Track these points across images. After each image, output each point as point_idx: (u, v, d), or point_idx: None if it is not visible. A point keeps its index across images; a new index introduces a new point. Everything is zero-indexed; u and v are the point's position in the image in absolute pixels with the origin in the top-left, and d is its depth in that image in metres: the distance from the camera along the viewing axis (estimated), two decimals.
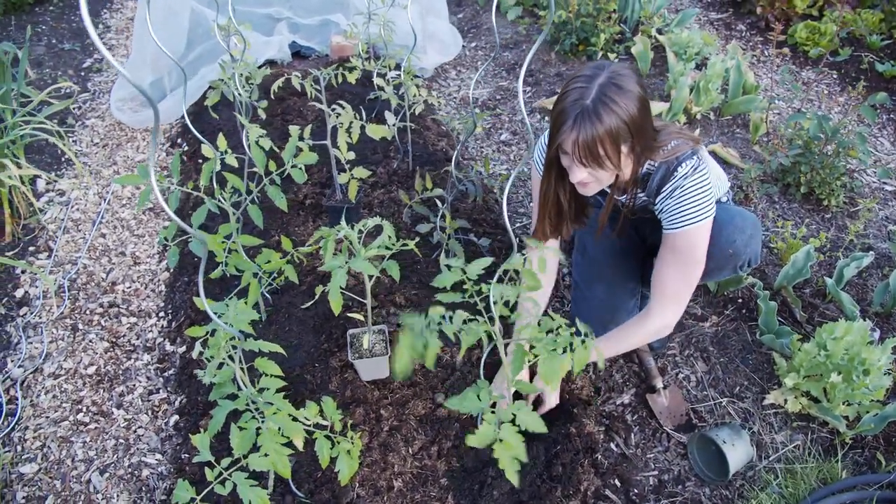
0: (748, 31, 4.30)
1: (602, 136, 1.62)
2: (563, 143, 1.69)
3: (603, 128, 1.61)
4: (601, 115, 1.61)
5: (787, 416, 2.14)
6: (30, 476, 2.07)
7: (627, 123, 1.64)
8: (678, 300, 1.91)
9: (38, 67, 4.08)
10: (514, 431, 1.39)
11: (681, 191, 1.78)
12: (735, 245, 1.92)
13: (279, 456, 1.39)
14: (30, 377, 2.36)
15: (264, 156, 2.08)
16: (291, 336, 2.34)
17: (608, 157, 1.66)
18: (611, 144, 1.64)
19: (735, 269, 2.00)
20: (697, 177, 1.78)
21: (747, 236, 1.93)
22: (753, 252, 1.97)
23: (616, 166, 1.70)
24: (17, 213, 2.95)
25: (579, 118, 1.63)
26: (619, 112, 1.63)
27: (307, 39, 4.13)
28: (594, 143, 1.63)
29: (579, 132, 1.63)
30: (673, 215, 1.82)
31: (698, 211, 1.80)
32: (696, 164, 1.79)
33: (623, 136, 1.65)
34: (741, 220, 1.94)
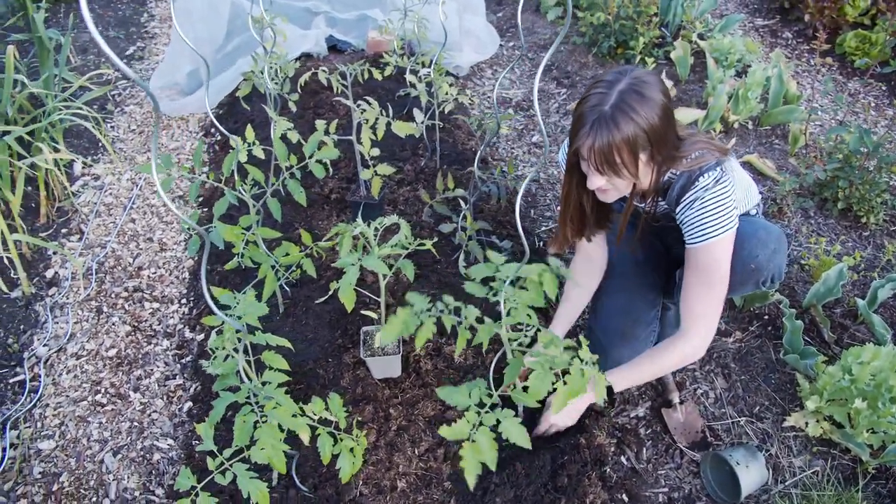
0: (794, 38, 4.17)
1: (619, 143, 1.59)
2: (580, 147, 1.66)
3: (620, 135, 1.57)
4: (619, 122, 1.57)
5: (807, 440, 2.06)
6: (47, 452, 2.12)
7: (647, 132, 1.60)
8: (706, 321, 1.81)
9: (83, 54, 4.19)
10: (491, 437, 1.39)
11: (701, 202, 1.73)
12: (757, 260, 1.85)
13: (275, 451, 1.39)
14: (53, 356, 2.42)
15: (286, 149, 2.09)
16: (307, 330, 2.35)
17: (625, 166, 1.63)
18: (628, 153, 1.60)
19: (757, 284, 1.93)
20: (719, 189, 1.72)
21: (770, 251, 1.86)
22: (777, 268, 1.90)
23: (633, 175, 1.66)
24: (53, 196, 3.03)
25: (596, 124, 1.59)
26: (638, 120, 1.59)
27: (344, 34, 4.15)
28: (610, 150, 1.60)
29: (595, 138, 1.59)
30: (693, 228, 1.77)
31: (719, 224, 1.74)
32: (719, 176, 1.73)
33: (642, 144, 1.61)
34: (765, 233, 1.87)
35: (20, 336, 2.49)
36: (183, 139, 3.55)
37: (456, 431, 1.42)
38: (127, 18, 4.72)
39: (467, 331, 1.57)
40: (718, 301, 1.80)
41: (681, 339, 1.83)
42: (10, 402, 2.26)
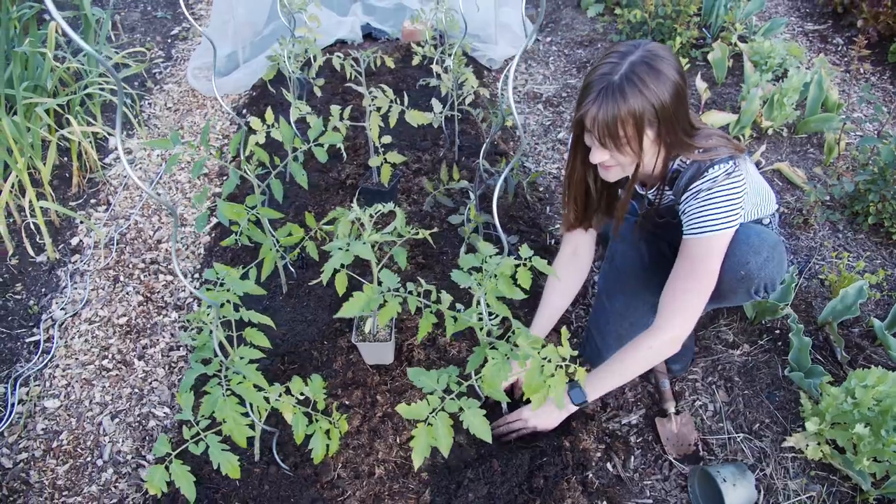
0: (845, 45, 3.98)
1: (624, 116, 1.54)
2: (584, 116, 1.62)
3: (626, 107, 1.53)
4: (626, 93, 1.53)
5: (806, 462, 1.98)
6: (51, 410, 2.21)
7: (655, 108, 1.56)
8: (684, 316, 1.76)
9: (130, 32, 4.32)
10: (448, 423, 1.39)
11: (707, 193, 1.68)
12: (748, 267, 1.78)
13: (237, 424, 1.41)
14: (68, 320, 2.51)
15: (293, 132, 2.11)
16: (307, 311, 2.38)
17: (629, 141, 1.59)
18: (633, 127, 1.56)
19: (749, 293, 1.86)
20: (728, 183, 1.66)
21: (763, 259, 1.79)
22: (769, 277, 1.83)
23: (636, 153, 1.62)
24: (85, 168, 3.14)
25: (603, 93, 1.55)
26: (647, 94, 1.54)
27: (381, 22, 4.17)
28: (615, 122, 1.55)
29: (600, 108, 1.55)
30: (693, 218, 1.72)
31: (720, 218, 1.69)
32: (731, 170, 1.67)
33: (649, 120, 1.56)
34: (758, 240, 1.80)
35: (41, 299, 2.60)
36: (215, 118, 3.63)
37: (414, 411, 1.43)
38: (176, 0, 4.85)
39: (433, 315, 1.57)
40: (701, 299, 1.74)
41: (651, 334, 1.77)
42: (23, 361, 2.36)
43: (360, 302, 1.61)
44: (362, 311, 1.60)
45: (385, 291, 1.63)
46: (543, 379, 1.53)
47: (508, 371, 1.54)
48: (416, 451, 1.49)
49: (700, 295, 1.74)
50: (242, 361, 1.50)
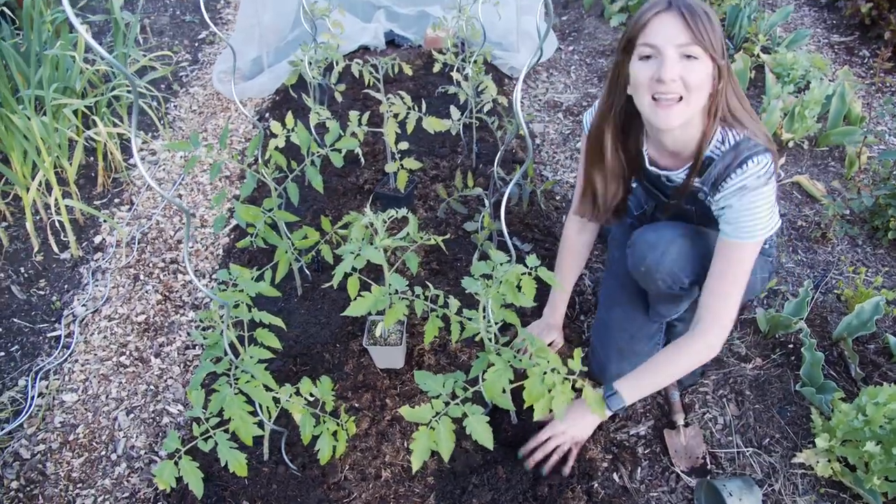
0: (871, 57, 3.93)
1: (702, 13, 1.50)
2: (652, 22, 1.53)
3: (701, 10, 1.51)
4: (696, 4, 1.52)
5: (816, 480, 1.95)
6: (69, 405, 2.26)
7: (721, 36, 1.55)
8: (724, 319, 1.74)
9: (158, 36, 4.42)
10: (451, 428, 1.41)
11: (753, 195, 1.61)
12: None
13: (243, 422, 1.44)
14: (89, 316, 2.57)
15: (309, 137, 2.15)
16: (321, 314, 2.41)
17: (712, 39, 1.51)
18: (710, 25, 1.51)
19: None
20: (770, 184, 1.62)
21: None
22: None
23: (718, 54, 1.53)
24: (110, 168, 3.21)
25: (675, 2, 1.52)
26: (714, 17, 1.53)
27: (404, 29, 4.21)
28: (696, 13, 1.50)
29: (681, 5, 1.51)
30: (737, 222, 1.66)
31: (765, 222, 1.66)
32: (770, 167, 1.60)
33: (719, 33, 1.53)
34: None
35: (63, 295, 2.66)
36: (238, 122, 3.70)
37: (417, 414, 1.45)
38: (205, 5, 4.94)
39: (439, 319, 1.59)
40: (737, 300, 1.73)
41: (696, 337, 1.75)
42: (44, 355, 2.42)
43: (368, 302, 1.63)
44: (369, 311, 1.63)
45: (392, 293, 1.65)
46: (546, 388, 1.54)
47: (510, 377, 1.55)
48: (416, 454, 1.51)
49: (737, 298, 1.72)
50: (252, 361, 1.53)
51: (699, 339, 1.75)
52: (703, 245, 1.83)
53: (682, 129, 1.66)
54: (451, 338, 2.26)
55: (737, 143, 1.62)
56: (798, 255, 2.66)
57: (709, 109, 1.62)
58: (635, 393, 1.83)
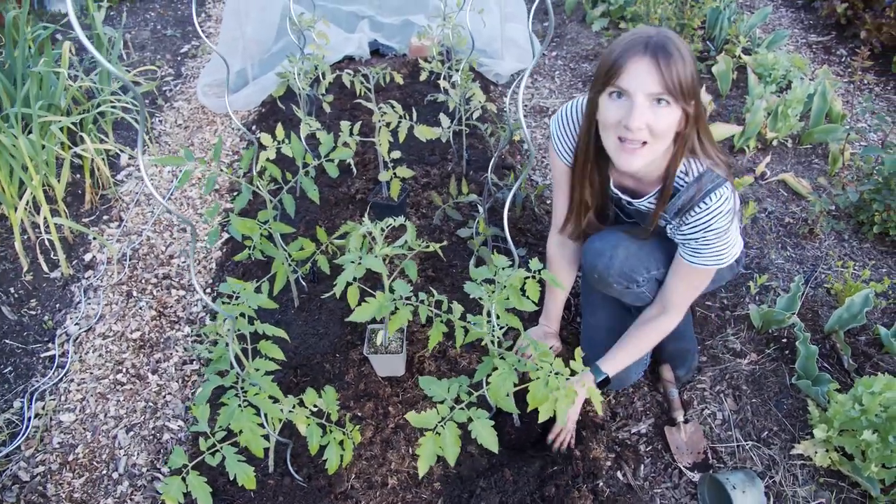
0: (849, 56, 4.01)
1: (677, 57, 1.48)
2: (627, 67, 1.49)
3: (678, 52, 1.48)
4: (673, 46, 1.49)
5: (815, 470, 1.99)
6: (67, 424, 2.24)
7: (694, 72, 1.52)
8: (685, 307, 1.94)
9: (140, 51, 4.39)
10: (456, 433, 1.42)
11: (716, 234, 1.68)
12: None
13: (253, 435, 1.44)
14: (83, 335, 2.54)
15: (303, 148, 2.15)
16: (319, 325, 2.41)
17: (683, 87, 1.49)
18: (684, 70, 1.48)
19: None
20: (725, 220, 1.67)
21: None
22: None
23: (688, 101, 1.52)
24: (98, 184, 3.19)
25: (652, 43, 1.48)
26: (688, 57, 1.51)
27: (388, 38, 4.22)
28: (670, 60, 1.47)
29: (657, 52, 1.47)
30: (701, 254, 1.75)
31: (724, 252, 1.74)
32: (730, 199, 1.65)
33: (693, 76, 1.51)
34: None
35: (55, 314, 2.64)
36: (225, 135, 3.69)
37: (423, 420, 1.46)
38: (185, 18, 4.92)
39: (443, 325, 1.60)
40: (697, 294, 1.92)
41: (663, 318, 1.92)
42: (39, 375, 2.39)
43: (372, 308, 1.64)
44: (373, 316, 1.63)
45: (397, 299, 1.66)
46: (549, 391, 1.56)
47: (515, 381, 1.57)
48: (422, 459, 1.52)
49: (696, 295, 1.93)
50: (259, 373, 1.53)
51: (666, 321, 1.93)
52: (648, 242, 1.91)
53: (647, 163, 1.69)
54: (450, 343, 2.28)
55: (700, 174, 1.66)
56: (787, 251, 2.71)
57: (676, 145, 1.64)
58: (616, 367, 1.97)
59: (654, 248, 1.91)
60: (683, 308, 1.92)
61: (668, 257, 1.89)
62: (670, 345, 2.18)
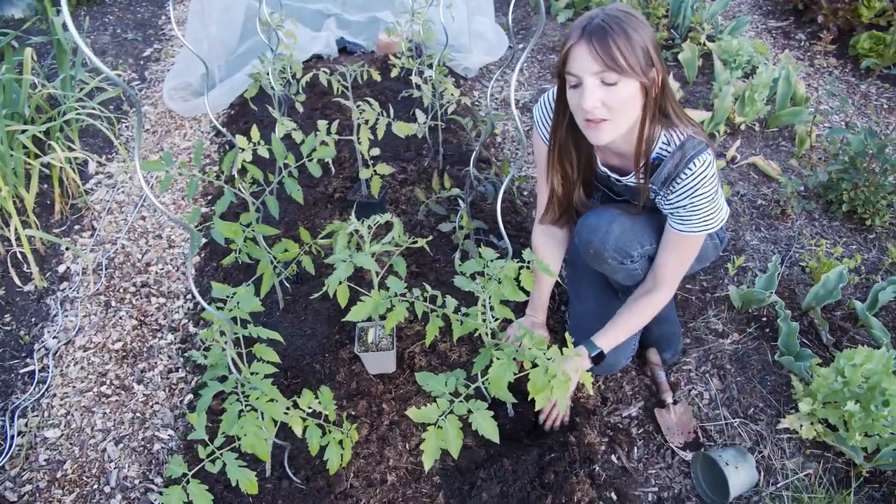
0: (807, 40, 4.13)
1: (616, 34, 1.51)
2: (570, 54, 1.56)
3: (619, 28, 1.52)
4: (619, 22, 1.53)
5: (801, 442, 2.05)
6: (52, 441, 2.18)
7: (647, 43, 1.55)
8: (676, 282, 1.98)
9: (101, 56, 4.29)
10: (458, 426, 1.43)
11: (702, 199, 1.73)
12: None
13: (258, 439, 1.43)
14: (62, 348, 2.49)
15: (284, 149, 2.13)
16: (305, 325, 2.39)
17: (627, 62, 1.52)
18: (626, 45, 1.51)
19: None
20: (714, 180, 1.73)
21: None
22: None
23: (632, 97, 1.57)
24: (67, 194, 3.11)
25: (589, 27, 1.53)
26: (638, 29, 1.54)
27: (355, 36, 4.20)
28: (606, 40, 1.51)
29: (592, 35, 1.52)
30: (689, 221, 1.79)
31: (712, 220, 1.80)
32: (712, 163, 1.72)
33: (640, 49, 1.54)
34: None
35: (31, 329, 2.57)
36: (195, 138, 3.62)
37: (424, 415, 1.46)
38: (145, 21, 4.82)
39: (439, 319, 1.61)
40: (687, 268, 1.95)
41: (654, 295, 1.97)
42: (19, 392, 2.33)
43: (368, 307, 1.64)
44: (369, 315, 1.63)
45: (392, 297, 1.66)
46: (548, 379, 1.58)
47: (514, 371, 1.58)
48: (427, 454, 1.52)
49: (687, 267, 1.96)
50: (257, 377, 1.51)
51: (658, 296, 1.97)
52: (641, 217, 1.95)
53: (624, 138, 1.73)
54: (440, 338, 2.29)
55: (682, 142, 1.71)
56: (761, 232, 2.78)
57: (643, 116, 1.67)
58: (610, 342, 2.01)
59: (646, 224, 1.95)
60: (674, 283, 1.96)
61: (660, 233, 1.93)
62: (656, 328, 2.23)
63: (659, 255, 1.94)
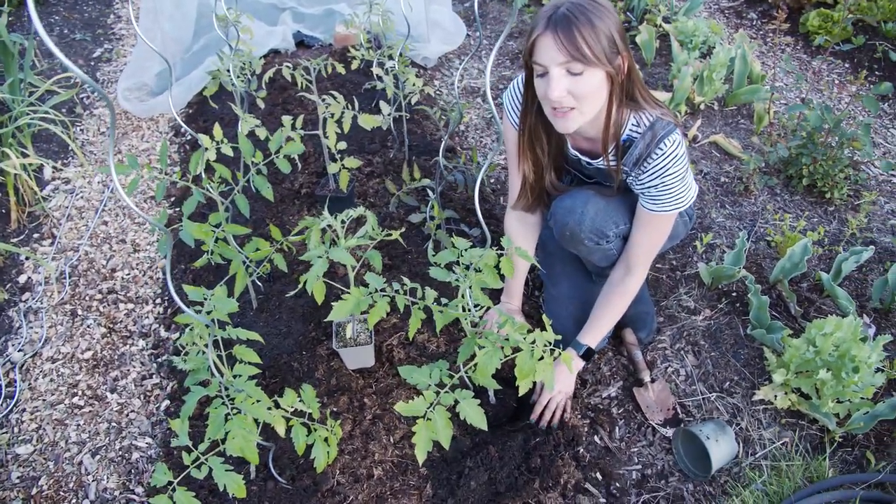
0: (759, 19, 4.22)
1: (581, 24, 1.52)
2: (536, 44, 1.57)
3: (584, 18, 1.53)
4: (584, 11, 1.54)
5: (776, 412, 2.11)
6: (25, 457, 2.12)
7: (612, 31, 1.56)
8: (648, 264, 2.02)
9: (49, 57, 4.14)
10: (446, 416, 1.44)
11: (672, 178, 1.76)
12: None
13: (247, 442, 1.41)
14: (29, 361, 2.41)
15: (252, 146, 2.10)
16: (280, 324, 2.36)
17: (592, 52, 1.53)
18: (591, 35, 1.53)
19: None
20: (683, 159, 1.76)
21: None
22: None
23: (597, 85, 1.59)
24: (23, 201, 3.01)
25: (554, 17, 1.55)
26: (602, 17, 1.55)
27: (311, 29, 4.14)
28: (571, 31, 1.52)
29: (557, 25, 1.53)
30: (660, 200, 1.83)
31: (682, 199, 1.83)
32: (681, 143, 1.75)
33: (605, 37, 1.54)
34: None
35: None
36: (153, 140, 3.54)
37: (412, 408, 1.46)
38: (93, 20, 4.67)
39: (421, 311, 1.60)
40: (658, 248, 1.98)
41: (629, 279, 2.01)
42: None
43: (349, 305, 1.62)
44: (351, 313, 1.62)
45: (373, 292, 1.65)
46: (534, 363, 1.59)
47: (500, 358, 1.59)
48: (419, 447, 1.52)
49: (659, 247, 1.98)
50: (241, 379, 1.49)
51: (632, 281, 2.01)
52: (614, 198, 1.99)
53: (591, 124, 1.75)
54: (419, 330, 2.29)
55: (651, 123, 1.75)
56: (726, 209, 2.84)
57: (610, 103, 1.69)
58: (597, 338, 2.07)
59: (619, 204, 1.98)
60: (647, 264, 2.00)
61: (632, 212, 1.96)
62: (631, 309, 2.25)
63: (632, 236, 1.97)
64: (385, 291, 1.67)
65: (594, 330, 2.06)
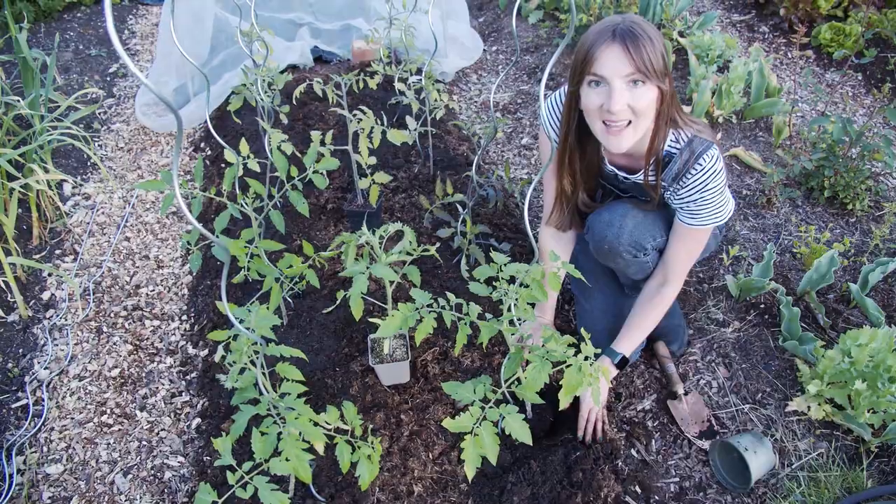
0: (771, 33, 4.26)
1: (645, 39, 1.55)
2: (598, 57, 1.58)
3: (646, 35, 1.56)
4: (644, 30, 1.57)
5: (810, 423, 2.11)
6: (55, 477, 2.10)
7: (664, 50, 1.61)
8: (685, 274, 2.04)
9: (65, 73, 4.15)
10: (493, 432, 1.44)
11: (712, 193, 1.79)
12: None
13: (300, 461, 1.40)
14: (55, 379, 2.40)
15: (286, 161, 2.10)
16: (313, 340, 2.36)
17: (654, 67, 1.56)
18: (653, 50, 1.56)
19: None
20: (721, 175, 1.78)
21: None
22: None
23: (660, 78, 1.60)
24: (45, 217, 3.00)
25: (619, 30, 1.57)
26: (658, 37, 1.59)
27: (328, 44, 4.16)
28: (638, 44, 1.55)
29: (625, 38, 1.55)
30: (699, 215, 1.85)
31: (721, 208, 1.86)
32: (719, 158, 1.78)
33: (661, 55, 1.58)
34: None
35: (19, 360, 2.47)
36: (172, 155, 3.54)
37: (459, 424, 1.46)
38: (108, 36, 4.68)
39: (468, 326, 1.61)
40: (694, 261, 2.02)
41: (665, 290, 2.02)
42: (13, 428, 2.24)
43: (397, 321, 1.62)
44: (399, 330, 1.62)
45: (420, 308, 1.65)
46: (581, 378, 1.59)
47: (549, 372, 1.59)
48: (469, 463, 1.52)
49: (695, 260, 2.03)
50: (290, 398, 1.48)
51: (668, 291, 2.03)
52: (651, 211, 2.00)
53: (637, 141, 1.78)
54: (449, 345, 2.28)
55: (689, 139, 1.78)
56: (749, 221, 2.85)
57: (657, 121, 1.72)
58: (631, 346, 2.08)
59: (657, 217, 2.00)
60: (682, 276, 2.01)
61: (668, 225, 1.99)
62: (663, 321, 2.25)
63: (669, 249, 1.98)
64: (432, 307, 1.67)
65: (629, 338, 2.07)
